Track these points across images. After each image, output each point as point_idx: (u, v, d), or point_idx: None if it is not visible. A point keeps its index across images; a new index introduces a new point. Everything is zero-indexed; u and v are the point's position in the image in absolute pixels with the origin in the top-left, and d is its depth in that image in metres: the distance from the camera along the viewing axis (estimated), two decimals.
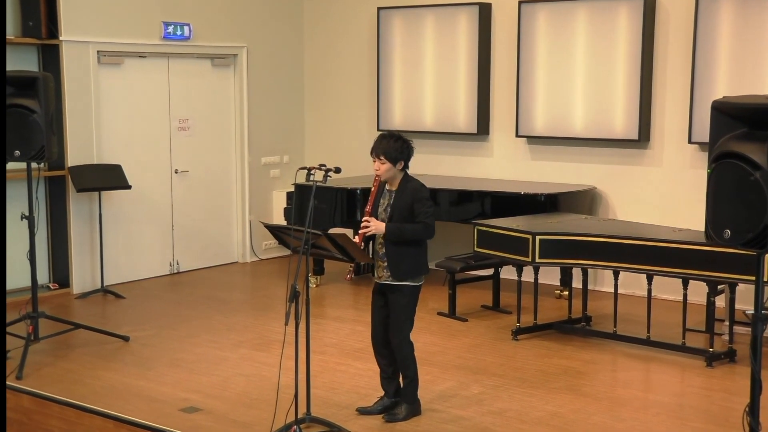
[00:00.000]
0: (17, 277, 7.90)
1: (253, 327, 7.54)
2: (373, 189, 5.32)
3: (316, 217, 8.07)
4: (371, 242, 5.50)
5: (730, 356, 6.56)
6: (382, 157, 5.18)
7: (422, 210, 5.20)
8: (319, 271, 8.97)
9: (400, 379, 5.47)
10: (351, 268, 5.70)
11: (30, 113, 6.41)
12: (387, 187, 5.32)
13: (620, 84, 8.39)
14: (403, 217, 5.21)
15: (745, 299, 7.11)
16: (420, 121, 9.59)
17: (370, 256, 5.48)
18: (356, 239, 5.24)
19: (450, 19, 9.29)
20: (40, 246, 8.49)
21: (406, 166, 5.27)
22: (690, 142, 8.09)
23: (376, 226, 5.18)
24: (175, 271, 9.54)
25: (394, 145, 5.18)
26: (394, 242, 5.20)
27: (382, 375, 5.51)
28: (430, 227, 5.21)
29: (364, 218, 5.23)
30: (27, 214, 6.61)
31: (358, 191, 8.49)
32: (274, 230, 5.36)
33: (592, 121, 8.57)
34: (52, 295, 8.50)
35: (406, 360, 5.35)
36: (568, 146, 8.84)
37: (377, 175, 5.26)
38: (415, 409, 5.45)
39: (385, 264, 5.25)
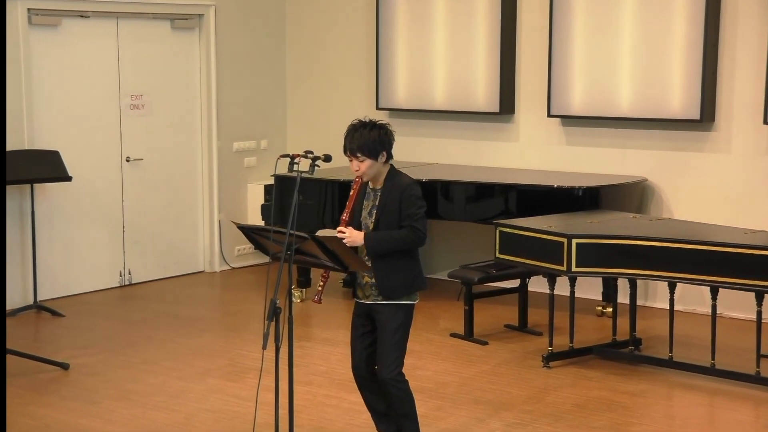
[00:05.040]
0: None
1: (223, 351, 7.54)
2: (352, 193, 5.31)
3: (301, 215, 8.03)
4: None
5: None
6: (359, 154, 5.17)
7: (410, 211, 5.19)
8: (304, 282, 8.98)
9: None
10: (321, 286, 5.38)
11: None
12: (370, 185, 5.32)
13: (678, 51, 8.37)
14: (392, 220, 5.22)
15: None
16: (429, 98, 9.58)
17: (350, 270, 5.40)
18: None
19: None
20: None
21: (389, 157, 5.26)
22: (766, 122, 8.08)
23: (351, 237, 5.16)
24: (127, 283, 9.54)
25: (370, 136, 5.17)
26: (379, 254, 5.19)
27: (374, 415, 5.50)
28: (420, 232, 5.19)
29: (339, 228, 5.21)
30: None
31: (353, 184, 8.46)
32: (250, 232, 5.35)
33: (642, 97, 8.56)
34: None
35: (401, 395, 5.32)
36: (612, 128, 8.83)
37: (358, 176, 5.26)
38: None
39: (372, 280, 5.23)
